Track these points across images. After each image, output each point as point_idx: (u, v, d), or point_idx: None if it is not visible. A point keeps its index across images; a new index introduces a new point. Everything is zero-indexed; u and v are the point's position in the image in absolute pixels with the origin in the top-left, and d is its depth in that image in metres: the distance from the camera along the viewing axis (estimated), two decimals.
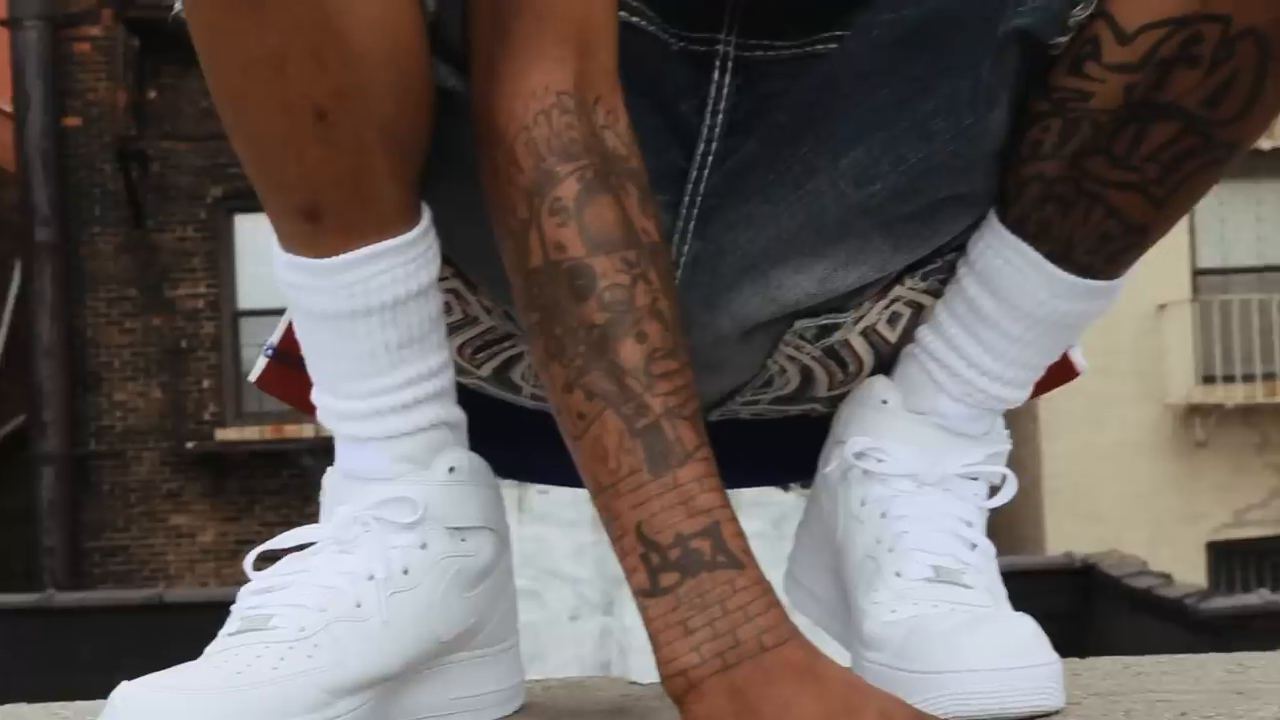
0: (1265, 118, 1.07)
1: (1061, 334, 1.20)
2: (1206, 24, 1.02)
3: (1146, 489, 14.60)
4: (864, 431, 1.22)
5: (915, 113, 1.10)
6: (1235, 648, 5.31)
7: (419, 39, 1.01)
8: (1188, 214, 1.10)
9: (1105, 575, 10.97)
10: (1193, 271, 14.93)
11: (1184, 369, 14.65)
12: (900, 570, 1.15)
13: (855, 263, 1.16)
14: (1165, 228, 1.13)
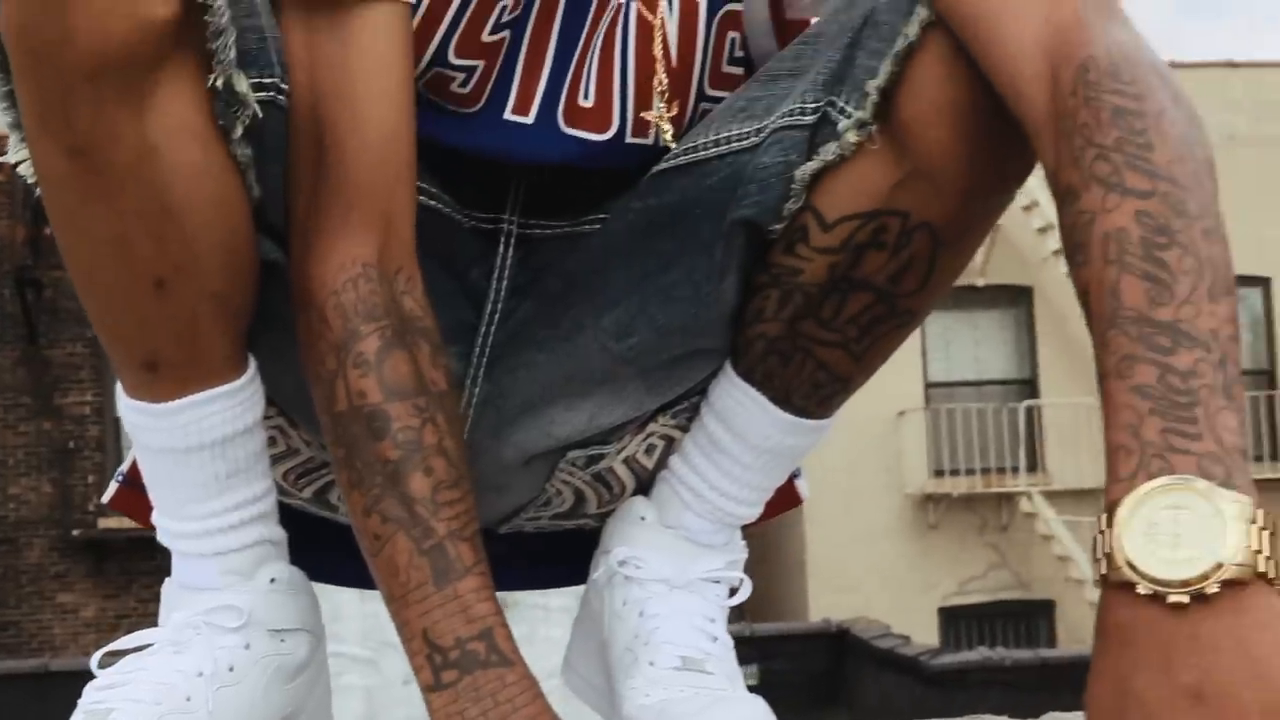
0: (939, 291, 1.10)
1: (785, 462, 1.22)
2: (890, 218, 1.04)
3: (890, 564, 14.82)
4: (625, 543, 1.23)
5: (663, 282, 1.12)
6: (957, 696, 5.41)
7: (245, 220, 1.00)
8: (920, 337, 1.12)
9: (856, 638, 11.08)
10: (925, 384, 15.28)
11: (919, 465, 14.94)
12: (653, 660, 1.16)
13: (616, 404, 1.18)
14: (864, 378, 1.16)
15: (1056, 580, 14.95)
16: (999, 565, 15.09)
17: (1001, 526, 15.08)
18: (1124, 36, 0.91)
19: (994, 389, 15.38)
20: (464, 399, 1.18)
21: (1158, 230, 0.81)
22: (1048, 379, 15.36)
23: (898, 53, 1.00)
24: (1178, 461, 0.73)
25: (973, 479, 14.94)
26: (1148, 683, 0.70)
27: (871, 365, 1.14)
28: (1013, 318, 15.51)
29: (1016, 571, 15.10)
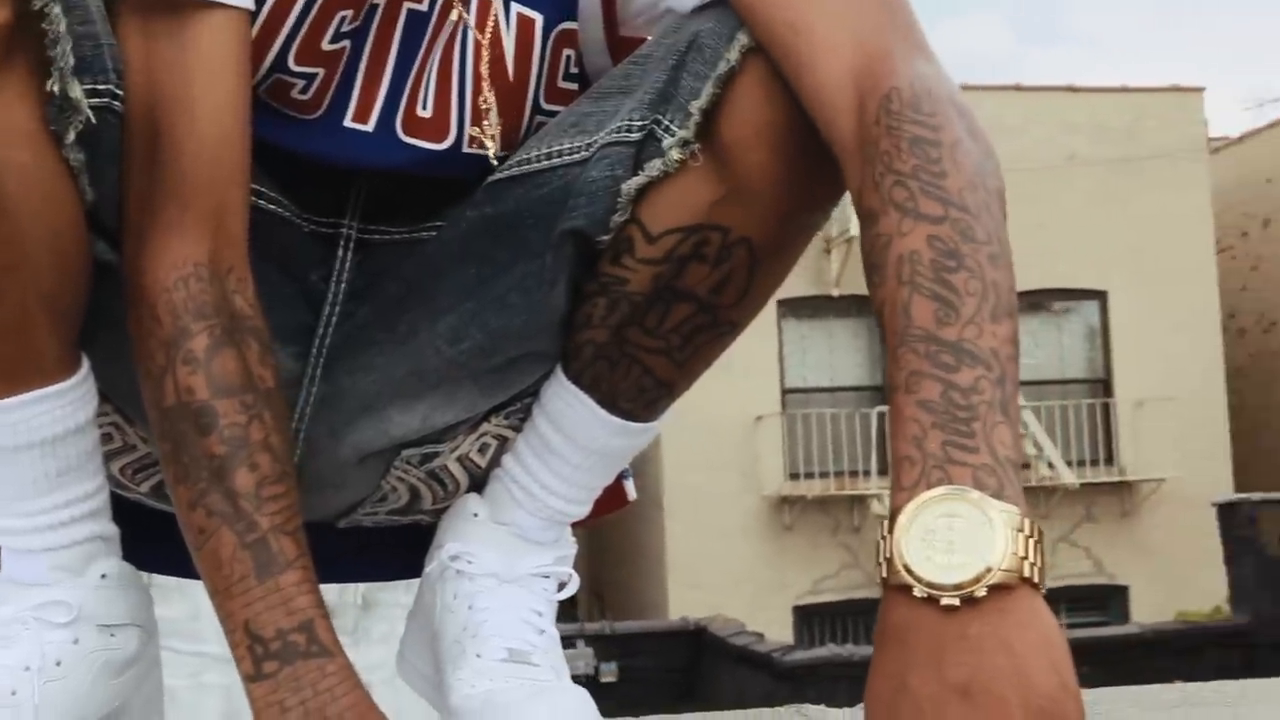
0: (757, 303, 1.13)
1: (612, 463, 1.24)
2: (711, 231, 1.06)
3: (747, 563, 14.95)
4: (458, 539, 1.24)
5: (495, 289, 1.13)
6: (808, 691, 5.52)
7: (76, 222, 1.00)
8: (778, 345, 1.13)
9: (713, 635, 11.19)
10: (782, 390, 15.46)
11: (775, 468, 15.11)
12: (480, 652, 1.17)
13: (450, 405, 1.19)
14: (688, 383, 1.18)
15: None
16: (851, 565, 15.32)
17: (854, 527, 15.31)
18: (927, 71, 0.95)
19: (847, 395, 15.62)
20: (302, 398, 1.18)
21: (947, 254, 0.84)
22: None
23: (719, 75, 1.03)
24: (955, 472, 0.76)
25: (827, 482, 15.15)
26: (920, 680, 0.73)
27: (694, 372, 1.17)
28: (865, 326, 15.76)
29: (868, 571, 15.34)
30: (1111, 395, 16.11)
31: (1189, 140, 16.44)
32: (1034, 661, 0.72)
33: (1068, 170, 16.05)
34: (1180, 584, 15.43)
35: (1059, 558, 15.81)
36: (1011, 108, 16.07)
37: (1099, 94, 16.41)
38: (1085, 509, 15.83)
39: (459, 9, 1.12)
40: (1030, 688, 0.71)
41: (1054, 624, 0.75)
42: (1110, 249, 16.10)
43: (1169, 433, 15.77)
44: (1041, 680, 0.72)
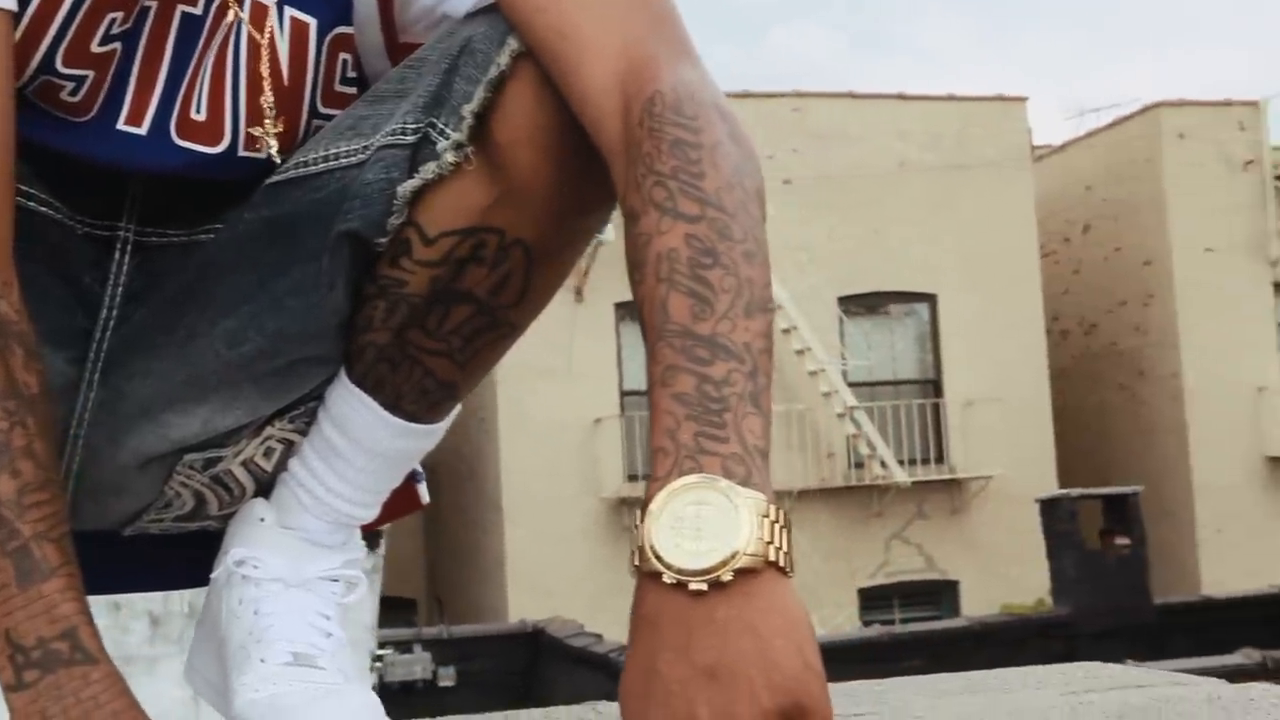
0: (537, 305, 1.14)
1: (399, 465, 1.24)
2: (488, 234, 1.08)
3: (586, 565, 14.98)
4: (244, 544, 1.23)
5: (273, 291, 1.13)
6: None
7: None
8: (616, 348, 1.13)
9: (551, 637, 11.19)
10: (620, 392, 15.54)
11: (615, 470, 15.18)
12: (264, 657, 1.16)
13: (231, 409, 1.18)
14: (471, 385, 1.19)
15: None
16: None
17: None
18: (691, 76, 0.98)
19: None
20: (80, 403, 1.16)
21: (704, 252, 0.87)
22: None
23: (490, 79, 1.04)
24: (706, 462, 0.79)
25: None
26: (669, 663, 0.75)
27: (476, 373, 1.18)
28: None
29: None
30: (942, 396, 16.52)
31: (1014, 148, 16.94)
32: (778, 643, 0.74)
33: (899, 176, 16.42)
34: (1007, 578, 15.89)
35: (893, 554, 16.16)
36: (845, 115, 16.39)
37: (928, 102, 16.82)
38: (917, 507, 16.20)
39: (235, 9, 1.11)
40: (775, 668, 0.73)
41: (799, 606, 0.77)
42: (940, 253, 16.51)
43: (996, 432, 16.23)
44: (785, 661, 0.74)
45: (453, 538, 17.61)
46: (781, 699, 0.73)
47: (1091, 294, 18.89)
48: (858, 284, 16.31)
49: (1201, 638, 10.09)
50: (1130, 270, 18.05)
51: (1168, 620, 10.75)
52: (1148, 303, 17.76)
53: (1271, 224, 17.53)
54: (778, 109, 16.19)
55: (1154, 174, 17.51)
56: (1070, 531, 10.67)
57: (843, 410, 15.68)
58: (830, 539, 15.86)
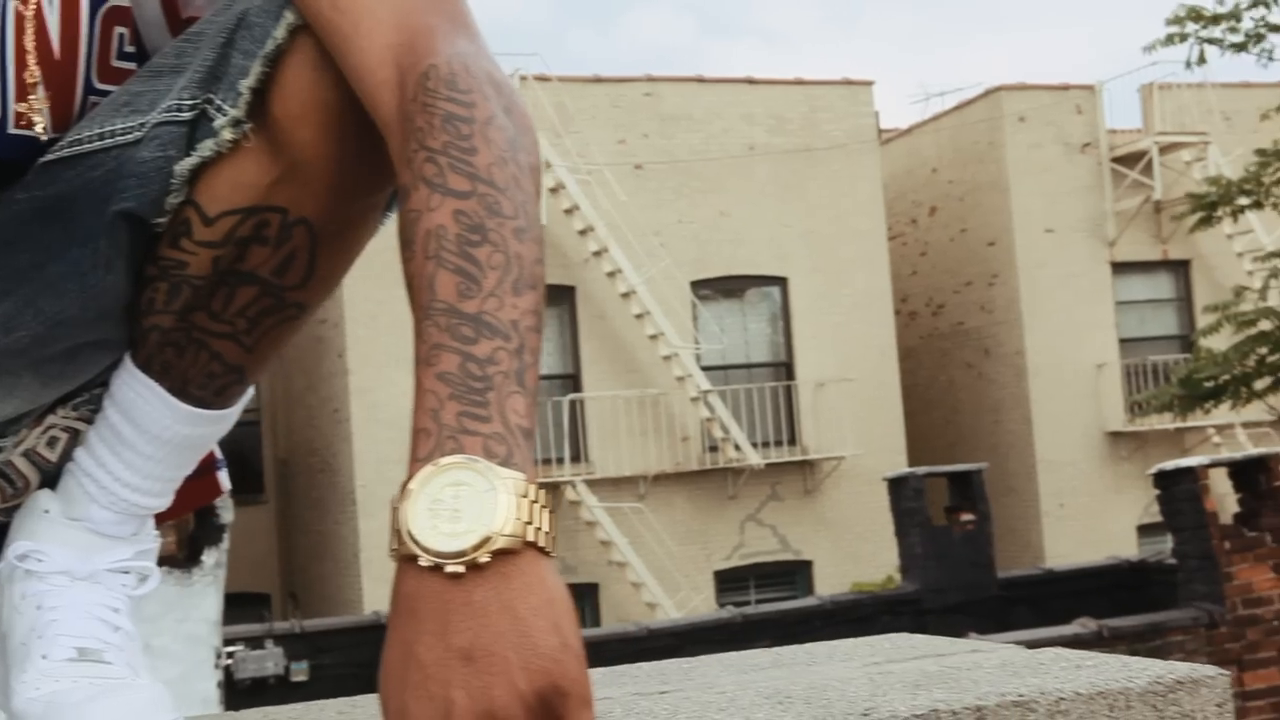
0: (326, 285, 1.12)
1: (189, 453, 1.21)
2: (270, 213, 1.05)
3: None
4: (28, 537, 1.19)
5: (49, 274, 1.09)
6: None
7: None
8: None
9: None
10: None
11: None
12: (46, 653, 1.13)
13: (9, 397, 1.14)
14: (260, 368, 1.17)
15: (600, 564, 15.44)
16: None
17: None
18: (468, 49, 0.96)
19: (540, 384, 15.71)
20: None
21: (473, 229, 0.86)
22: (590, 373, 15.83)
23: (267, 54, 1.02)
24: (467, 442, 0.78)
25: None
26: (426, 647, 0.74)
27: (265, 356, 1.16)
28: (555, 315, 15.90)
29: (562, 556, 15.49)
30: (793, 378, 16.73)
31: (861, 131, 17.20)
32: (536, 623, 0.74)
33: (748, 160, 16.57)
34: (858, 556, 16.17)
35: (747, 536, 16.34)
36: (694, 99, 16.48)
37: (776, 86, 16.99)
38: (771, 488, 16.40)
39: None
40: (531, 648, 0.73)
41: (559, 586, 0.77)
42: (790, 237, 16.71)
43: (847, 413, 16.49)
44: (542, 641, 0.73)
45: (307, 531, 17.36)
46: (539, 680, 0.72)
47: (938, 275, 19.29)
48: (710, 268, 16.43)
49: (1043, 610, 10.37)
50: (975, 251, 18.47)
51: (1011, 594, 11.03)
52: (992, 283, 18.20)
53: (1108, 205, 18.08)
54: (629, 93, 16.22)
55: (996, 156, 17.93)
56: (917, 509, 10.88)
57: (696, 394, 15.79)
58: (686, 523, 15.97)
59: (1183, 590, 9.17)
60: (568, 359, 15.91)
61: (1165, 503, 9.26)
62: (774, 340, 17.02)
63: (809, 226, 16.77)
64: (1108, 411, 17.72)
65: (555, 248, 15.56)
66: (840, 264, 16.84)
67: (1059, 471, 17.50)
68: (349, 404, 15.06)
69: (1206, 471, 9.11)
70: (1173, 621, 8.88)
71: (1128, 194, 18.11)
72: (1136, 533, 17.27)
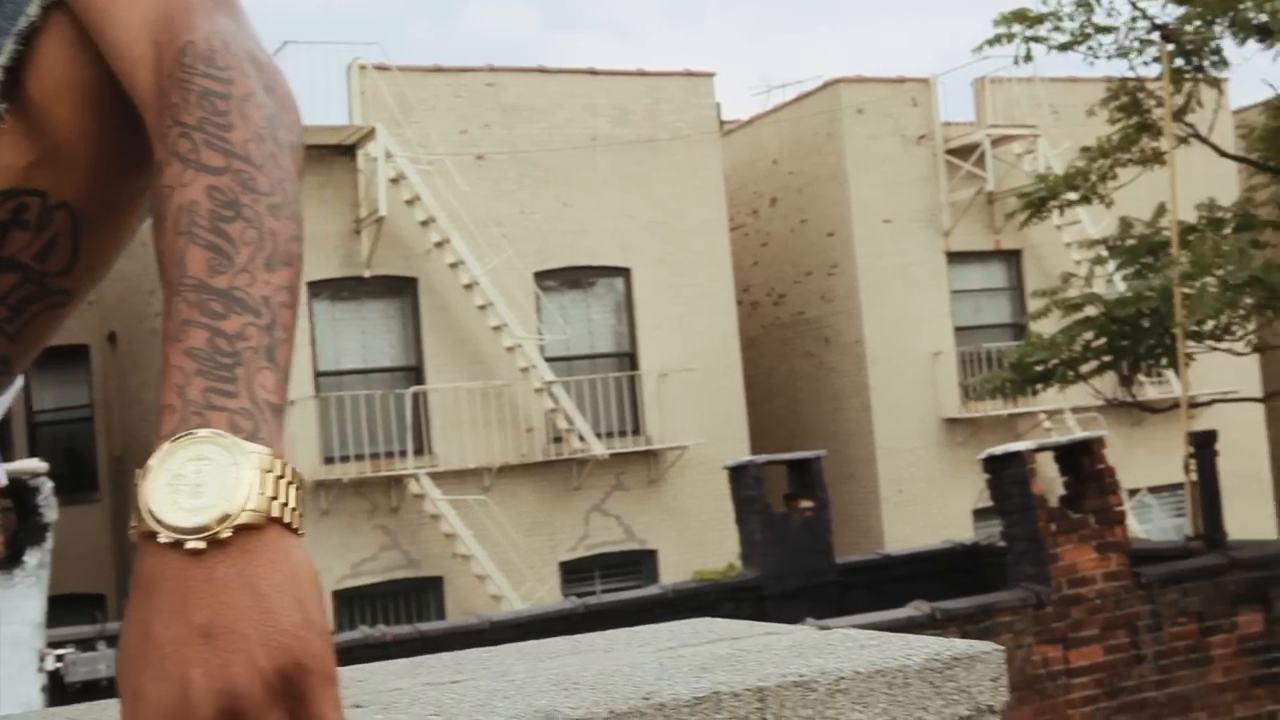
0: (93, 272, 1.09)
1: None
2: (29, 196, 1.02)
3: None
4: None
5: None
6: None
7: None
8: (309, 327, 0.99)
9: None
10: (315, 373, 15.23)
11: (310, 452, 14.87)
12: None
13: None
14: (26, 358, 1.13)
15: (444, 557, 15.34)
16: (390, 546, 15.29)
17: (392, 509, 15.29)
18: (227, 26, 0.94)
19: (381, 376, 15.56)
20: None
21: (226, 205, 0.84)
22: (432, 365, 15.71)
23: (20, 31, 0.98)
24: (214, 418, 0.76)
25: (362, 464, 15.06)
26: (163, 625, 0.72)
27: (30, 344, 1.12)
28: (397, 307, 15.75)
29: (406, 551, 15.37)
30: (637, 368, 16.80)
31: (702, 123, 17.33)
32: (278, 599, 0.72)
33: (590, 151, 16.59)
34: (702, 545, 16.32)
35: (593, 527, 16.37)
36: (536, 90, 16.44)
37: (618, 77, 17.03)
38: (616, 478, 16.46)
39: None
40: (272, 625, 0.71)
41: (304, 561, 0.75)
42: (633, 227, 16.77)
43: (691, 402, 16.62)
44: (285, 617, 0.72)
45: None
46: (280, 657, 0.71)
47: (779, 265, 19.54)
48: (553, 259, 16.42)
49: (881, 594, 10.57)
50: (815, 241, 18.75)
51: (849, 579, 11.23)
52: (832, 273, 18.50)
53: (943, 196, 18.50)
54: (471, 83, 16.12)
55: (835, 148, 18.22)
56: (757, 497, 11.01)
57: (540, 385, 15.78)
58: (531, 514, 15.95)
59: (1011, 572, 9.42)
60: (410, 351, 15.76)
61: (994, 486, 9.51)
62: (618, 331, 17.08)
63: (652, 217, 16.85)
64: (944, 398, 18.14)
65: (397, 239, 15.40)
66: (683, 254, 16.96)
67: (898, 458, 17.87)
68: None
69: (1034, 456, 9.37)
70: (1002, 603, 9.12)
71: (962, 185, 18.56)
72: (972, 516, 17.71)
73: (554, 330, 16.34)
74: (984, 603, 9.10)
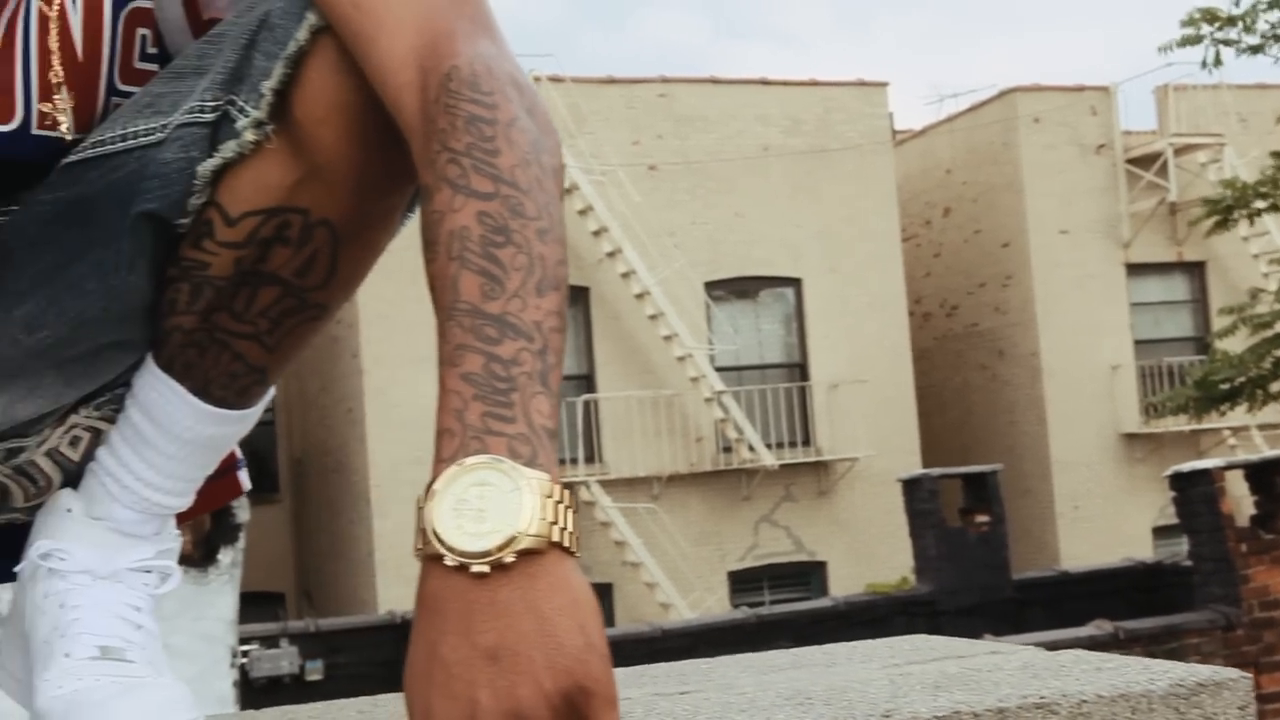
0: (347, 286, 1.12)
1: (211, 452, 1.21)
2: (292, 214, 1.06)
3: None
4: (51, 536, 1.19)
5: (72, 274, 1.09)
6: None
7: None
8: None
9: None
10: None
11: None
12: (69, 651, 1.13)
13: (32, 397, 1.14)
14: (281, 368, 1.17)
15: (614, 564, 15.44)
16: None
17: None
18: (489, 50, 0.97)
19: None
20: None
21: (496, 230, 0.86)
22: (604, 374, 15.83)
23: (289, 55, 1.02)
24: (492, 443, 0.78)
25: None
26: (451, 646, 0.74)
27: (286, 356, 1.16)
28: (570, 317, 15.88)
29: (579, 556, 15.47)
30: (808, 379, 16.71)
31: (875, 133, 17.18)
32: (560, 623, 0.74)
33: (762, 161, 16.56)
34: (873, 558, 16.15)
35: (761, 537, 16.32)
36: (708, 101, 16.48)
37: (791, 87, 16.97)
38: (785, 489, 16.38)
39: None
40: (556, 648, 0.73)
41: (583, 586, 0.77)
42: (804, 238, 16.69)
43: (861, 414, 16.47)
44: (567, 640, 0.73)
45: (321, 530, 17.39)
46: (564, 680, 0.72)
47: (952, 276, 19.26)
48: (723, 269, 16.42)
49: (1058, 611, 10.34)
50: (989, 252, 18.44)
51: (1026, 595, 11.01)
52: (1006, 284, 18.16)
53: (1123, 206, 18.03)
54: (643, 94, 16.23)
55: (1011, 158, 17.90)
56: (931, 510, 10.86)
57: (710, 395, 15.79)
58: (699, 523, 15.97)
59: (1199, 593, 9.14)
60: (582, 360, 15.91)
61: (1181, 505, 9.23)
62: (788, 341, 17.01)
63: (823, 227, 16.75)
64: (1123, 413, 17.67)
65: (569, 249, 15.48)
66: (854, 265, 16.82)
67: (1074, 473, 17.46)
68: (363, 404, 15.08)
69: (1222, 474, 9.08)
70: (1189, 624, 8.85)
71: (1143, 195, 18.07)
72: (1152, 534, 17.22)
73: (724, 340, 16.34)
74: (1170, 623, 8.84)
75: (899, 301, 17.10)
